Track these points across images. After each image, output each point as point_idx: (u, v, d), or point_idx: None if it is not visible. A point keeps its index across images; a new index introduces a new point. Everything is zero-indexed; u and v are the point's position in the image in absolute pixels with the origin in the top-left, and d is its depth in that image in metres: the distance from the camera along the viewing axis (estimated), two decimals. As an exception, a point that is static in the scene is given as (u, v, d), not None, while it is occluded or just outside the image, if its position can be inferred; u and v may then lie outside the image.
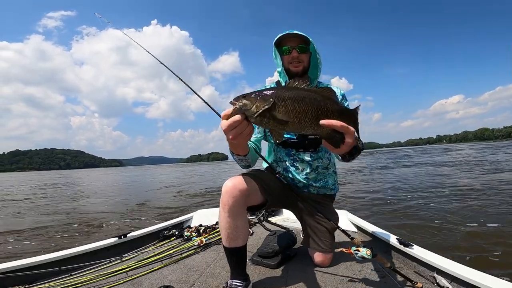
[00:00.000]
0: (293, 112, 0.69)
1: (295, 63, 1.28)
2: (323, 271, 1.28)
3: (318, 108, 0.70)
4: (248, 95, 0.71)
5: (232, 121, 0.71)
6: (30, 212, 6.17)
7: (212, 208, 2.60)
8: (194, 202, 6.48)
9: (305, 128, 0.71)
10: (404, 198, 5.03)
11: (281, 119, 0.69)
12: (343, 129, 0.71)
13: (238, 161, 1.15)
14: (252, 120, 0.71)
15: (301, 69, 1.29)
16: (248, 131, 0.75)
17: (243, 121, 0.71)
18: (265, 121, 0.70)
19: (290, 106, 0.69)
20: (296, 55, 1.26)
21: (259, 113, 0.68)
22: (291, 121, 0.69)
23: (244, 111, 0.70)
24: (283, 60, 1.31)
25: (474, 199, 4.40)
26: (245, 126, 0.72)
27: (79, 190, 12.18)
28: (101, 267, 1.40)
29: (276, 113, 0.69)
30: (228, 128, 0.72)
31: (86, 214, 5.52)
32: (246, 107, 0.69)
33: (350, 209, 2.59)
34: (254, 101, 0.69)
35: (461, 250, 2.44)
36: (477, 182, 6.14)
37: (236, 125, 0.71)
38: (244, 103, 0.70)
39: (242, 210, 1.11)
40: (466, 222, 3.21)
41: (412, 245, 1.30)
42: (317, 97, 0.71)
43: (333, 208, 1.44)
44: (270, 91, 0.71)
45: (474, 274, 0.99)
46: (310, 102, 0.70)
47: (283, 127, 0.71)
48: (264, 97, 0.69)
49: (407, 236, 2.90)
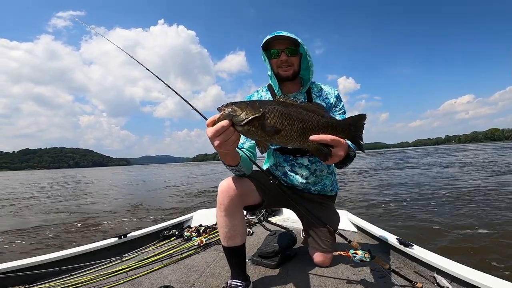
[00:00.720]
0: (281, 125, 0.69)
1: (284, 67, 1.22)
2: (323, 271, 1.28)
3: (304, 122, 0.71)
4: (238, 103, 0.70)
5: (218, 127, 0.68)
6: (39, 211, 6.21)
7: (212, 208, 2.60)
8: (198, 201, 6.48)
9: (291, 141, 0.72)
10: (405, 199, 5.03)
11: (269, 130, 0.69)
12: (334, 142, 0.70)
13: (230, 170, 1.10)
14: (239, 128, 0.69)
15: (291, 73, 1.23)
16: (234, 138, 0.72)
17: (229, 127, 0.69)
18: (252, 131, 0.69)
19: (278, 118, 0.69)
20: (285, 58, 1.20)
21: (247, 120, 0.67)
22: (278, 134, 0.70)
23: (232, 117, 0.68)
24: (272, 64, 1.24)
25: (478, 201, 4.36)
26: (231, 133, 0.70)
27: (87, 189, 12.32)
28: (101, 267, 1.40)
29: (265, 124, 0.69)
30: (213, 134, 0.69)
31: (92, 213, 5.54)
32: (235, 113, 0.68)
33: (351, 209, 2.59)
34: (244, 109, 0.68)
35: (461, 250, 2.44)
36: (483, 184, 6.09)
37: (222, 131, 0.69)
38: (233, 108, 0.69)
39: (238, 209, 1.12)
40: (467, 223, 3.21)
41: (412, 245, 1.30)
42: (304, 112, 0.73)
43: (334, 208, 1.43)
44: (259, 102, 0.71)
45: (474, 274, 0.99)
46: (297, 116, 0.71)
47: (269, 139, 0.71)
48: (254, 106, 0.69)
49: (407, 236, 2.90)
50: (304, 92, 1.30)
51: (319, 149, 0.73)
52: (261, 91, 1.37)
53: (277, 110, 0.70)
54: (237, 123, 0.68)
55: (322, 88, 1.33)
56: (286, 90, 1.31)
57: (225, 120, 0.68)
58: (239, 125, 0.68)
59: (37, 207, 6.93)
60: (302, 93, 1.30)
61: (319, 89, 1.33)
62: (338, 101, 1.32)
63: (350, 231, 1.91)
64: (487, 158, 14.96)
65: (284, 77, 1.24)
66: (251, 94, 1.38)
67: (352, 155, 0.99)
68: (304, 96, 1.30)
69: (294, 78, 1.26)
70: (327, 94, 1.32)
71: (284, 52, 1.19)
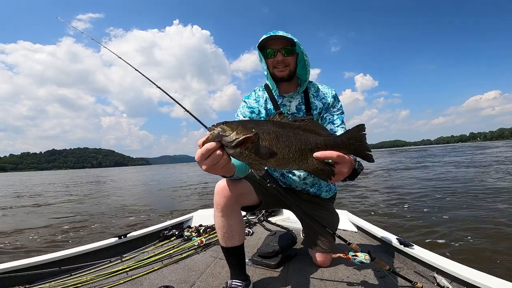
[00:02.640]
0: (277, 146, 0.64)
1: (280, 67, 1.21)
2: (323, 271, 1.28)
3: (302, 143, 0.66)
4: (229, 122, 0.64)
5: (205, 149, 0.61)
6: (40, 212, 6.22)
7: (212, 208, 2.60)
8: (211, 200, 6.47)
9: (288, 164, 0.66)
10: (407, 200, 5.02)
11: (263, 152, 0.63)
12: (339, 159, 0.67)
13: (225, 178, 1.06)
14: (230, 150, 0.62)
15: (286, 74, 1.22)
16: (223, 162, 0.64)
17: (217, 150, 0.62)
18: (245, 154, 0.62)
19: (274, 140, 0.64)
20: (281, 58, 1.19)
21: (239, 140, 0.60)
22: (274, 157, 0.64)
23: (222, 137, 0.61)
24: (268, 63, 1.23)
25: (489, 201, 4.28)
26: (219, 157, 0.62)
27: (105, 188, 12.64)
28: (101, 267, 1.40)
29: (259, 145, 0.63)
30: (199, 157, 0.62)
31: (105, 212, 5.65)
32: (225, 133, 0.61)
33: (351, 210, 2.59)
34: (235, 128, 0.62)
35: (461, 250, 2.43)
36: (501, 183, 5.87)
37: (209, 154, 0.62)
38: (223, 128, 0.62)
39: (235, 209, 1.12)
40: (469, 224, 3.21)
41: (412, 245, 1.30)
42: (301, 132, 0.68)
43: (333, 209, 1.43)
44: (252, 122, 0.66)
45: (474, 274, 0.99)
46: (294, 136, 0.66)
47: (265, 162, 0.65)
48: (246, 126, 0.63)
49: (407, 236, 2.90)
50: (301, 92, 1.29)
51: (320, 169, 0.68)
52: (258, 91, 1.35)
53: (272, 130, 0.65)
54: (227, 144, 0.61)
55: (320, 88, 1.32)
56: (283, 90, 1.30)
57: (211, 143, 0.61)
58: (230, 147, 0.62)
59: (37, 208, 6.93)
60: (299, 93, 1.29)
61: (316, 89, 1.32)
62: (335, 101, 1.31)
63: (350, 231, 1.91)
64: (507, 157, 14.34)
65: (279, 78, 1.24)
66: (249, 94, 1.37)
67: (360, 169, 0.97)
68: (301, 96, 1.29)
69: (290, 79, 1.25)
70: (325, 94, 1.31)
71: (280, 52, 1.18)
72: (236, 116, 1.31)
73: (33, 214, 5.90)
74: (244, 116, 1.28)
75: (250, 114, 1.28)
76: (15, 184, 20.96)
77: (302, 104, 1.28)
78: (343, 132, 1.13)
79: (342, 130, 1.22)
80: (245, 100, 1.33)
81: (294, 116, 1.27)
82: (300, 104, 1.28)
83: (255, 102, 1.31)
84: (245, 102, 1.33)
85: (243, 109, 1.30)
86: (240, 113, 1.30)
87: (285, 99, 1.29)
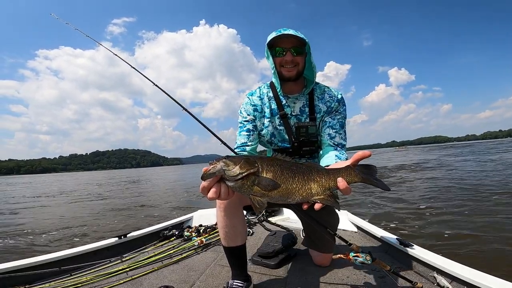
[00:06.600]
0: (280, 179, 0.65)
1: (288, 66, 1.18)
2: (323, 271, 1.28)
3: (305, 174, 0.68)
4: (231, 157, 0.65)
5: (201, 187, 0.64)
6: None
7: (212, 208, 2.60)
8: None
9: (292, 195, 0.67)
10: (409, 200, 5.02)
11: (266, 184, 0.64)
12: (345, 190, 0.67)
13: None
14: (232, 184, 0.63)
15: (294, 74, 1.19)
16: (224, 195, 0.66)
17: (212, 186, 0.64)
18: (247, 185, 0.63)
19: (278, 172, 0.65)
20: (291, 57, 1.16)
21: (243, 175, 0.62)
22: (277, 188, 0.65)
23: (224, 171, 0.62)
24: (275, 62, 1.20)
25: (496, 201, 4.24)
26: (217, 192, 0.64)
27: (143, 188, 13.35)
28: (101, 267, 1.40)
29: (262, 178, 0.64)
30: (202, 190, 0.65)
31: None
32: (227, 168, 0.62)
33: (352, 209, 2.58)
34: (237, 163, 0.63)
35: (461, 250, 2.43)
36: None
37: (208, 188, 0.64)
38: (225, 162, 0.63)
39: (237, 209, 1.11)
40: (469, 224, 3.21)
41: (412, 245, 1.30)
42: (304, 166, 0.69)
43: (332, 209, 1.43)
44: (255, 157, 0.67)
45: (474, 274, 0.99)
46: (297, 169, 0.68)
47: (267, 194, 0.65)
48: (249, 161, 0.64)
49: (407, 236, 2.90)
50: (306, 94, 1.27)
51: (326, 199, 0.68)
52: (263, 88, 1.33)
53: (276, 163, 0.66)
54: (229, 178, 0.62)
55: (325, 90, 1.29)
56: (288, 90, 1.27)
57: (208, 181, 0.63)
58: (232, 181, 0.63)
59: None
60: (304, 94, 1.27)
61: (322, 91, 1.29)
62: (340, 105, 1.27)
63: (350, 231, 1.91)
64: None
65: (287, 78, 1.21)
66: (253, 91, 1.35)
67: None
68: (306, 98, 1.26)
69: (297, 79, 1.23)
70: (330, 96, 1.27)
71: (290, 51, 1.16)
72: (239, 112, 1.29)
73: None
74: (248, 114, 1.26)
75: (253, 111, 1.27)
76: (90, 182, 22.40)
77: (306, 106, 1.26)
78: (339, 138, 1.19)
79: (340, 136, 1.20)
80: (249, 97, 1.31)
81: (297, 118, 1.26)
82: (304, 106, 1.26)
83: (258, 100, 1.29)
84: (248, 98, 1.30)
85: (247, 106, 1.28)
86: (243, 110, 1.28)
87: (289, 100, 1.27)
